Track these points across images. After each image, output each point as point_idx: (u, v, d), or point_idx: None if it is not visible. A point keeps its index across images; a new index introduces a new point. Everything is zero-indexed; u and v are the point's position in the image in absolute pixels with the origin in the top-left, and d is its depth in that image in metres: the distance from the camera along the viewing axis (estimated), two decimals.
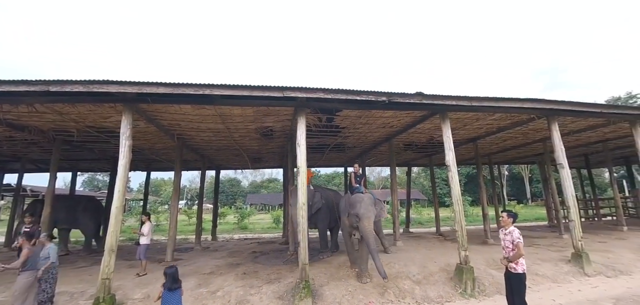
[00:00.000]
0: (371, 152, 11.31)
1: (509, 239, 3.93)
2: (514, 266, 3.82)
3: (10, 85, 4.77)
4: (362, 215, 5.77)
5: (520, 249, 3.78)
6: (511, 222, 4.02)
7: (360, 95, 5.51)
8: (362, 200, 6.04)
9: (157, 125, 7.03)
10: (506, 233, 3.99)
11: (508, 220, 4.03)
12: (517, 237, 3.83)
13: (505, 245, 3.99)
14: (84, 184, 51.41)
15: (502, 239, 4.08)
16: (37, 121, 6.74)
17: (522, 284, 3.83)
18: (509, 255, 3.89)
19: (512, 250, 3.86)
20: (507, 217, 4.05)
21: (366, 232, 5.62)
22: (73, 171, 13.72)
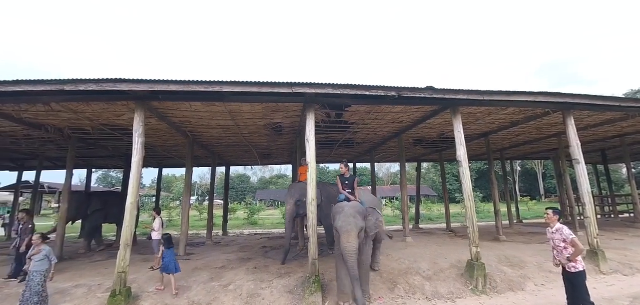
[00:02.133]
0: (380, 148, 11.25)
1: (559, 237, 3.77)
2: (574, 265, 3.65)
3: (28, 85, 4.92)
4: (340, 228, 4.69)
5: (579, 244, 3.60)
6: (557, 220, 3.88)
7: (370, 90, 5.48)
8: (342, 210, 4.84)
9: (168, 123, 7.15)
10: (554, 231, 3.84)
11: (554, 217, 3.87)
12: (569, 234, 3.67)
13: (556, 245, 3.81)
14: (98, 181, 52.75)
15: (550, 238, 3.91)
16: (54, 120, 6.94)
17: (584, 281, 3.65)
18: (562, 254, 3.72)
19: (565, 248, 3.69)
20: (552, 214, 3.89)
21: (345, 250, 4.51)
22: (88, 168, 14.10)
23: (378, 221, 5.16)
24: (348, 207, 4.85)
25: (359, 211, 4.85)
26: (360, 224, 4.70)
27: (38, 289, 4.29)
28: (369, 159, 13.16)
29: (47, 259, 4.45)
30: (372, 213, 5.05)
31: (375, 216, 5.06)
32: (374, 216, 5.04)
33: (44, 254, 4.46)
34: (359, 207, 4.95)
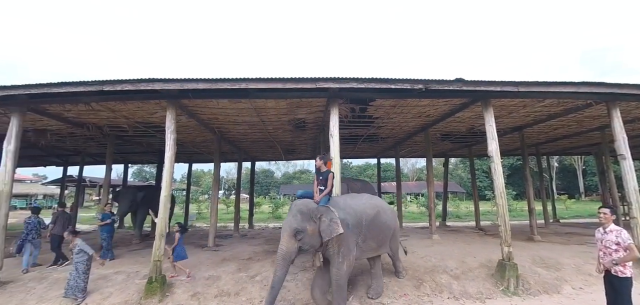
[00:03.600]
0: (406, 143, 11.01)
1: (612, 239, 3.50)
2: (621, 269, 3.41)
3: (71, 86, 5.31)
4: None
5: (635, 251, 3.35)
6: (613, 220, 3.61)
7: (395, 83, 5.36)
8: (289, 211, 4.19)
9: (197, 120, 7.43)
10: (607, 232, 3.56)
11: (611, 217, 3.59)
12: (627, 238, 3.41)
13: (606, 246, 3.55)
14: (133, 175, 55.97)
15: (599, 239, 3.64)
16: (94, 118, 7.43)
17: (630, 289, 3.42)
18: (611, 256, 3.48)
19: (616, 251, 3.44)
20: (609, 214, 3.60)
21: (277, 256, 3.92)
22: (125, 163, 15.03)
23: (333, 222, 3.90)
24: (293, 205, 4.20)
25: (303, 210, 4.03)
26: (295, 224, 3.89)
27: (83, 275, 4.90)
28: (393, 154, 12.93)
29: (82, 251, 4.93)
30: (326, 213, 3.98)
31: (329, 216, 3.94)
32: (328, 216, 3.94)
33: (78, 248, 4.96)
34: (306, 205, 4.12)
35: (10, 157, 5.70)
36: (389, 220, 4.93)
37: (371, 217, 4.57)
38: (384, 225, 4.80)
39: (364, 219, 4.47)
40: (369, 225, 4.52)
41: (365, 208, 4.59)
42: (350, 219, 4.26)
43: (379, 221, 4.70)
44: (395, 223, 5.15)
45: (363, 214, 4.49)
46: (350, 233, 4.19)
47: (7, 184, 5.66)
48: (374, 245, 4.69)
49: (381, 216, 4.76)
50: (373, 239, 4.62)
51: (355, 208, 4.47)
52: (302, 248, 3.95)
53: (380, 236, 4.75)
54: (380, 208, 4.87)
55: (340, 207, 4.30)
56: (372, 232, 4.56)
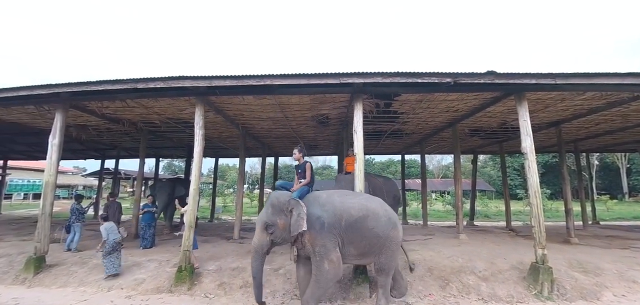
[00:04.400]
0: (432, 139, 10.69)
1: None
2: None
3: (108, 84, 5.64)
4: None
5: None
6: None
7: (422, 77, 5.20)
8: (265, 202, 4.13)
9: (224, 116, 7.64)
10: None
11: None
12: None
13: None
14: (164, 169, 58.72)
15: None
16: (129, 114, 7.85)
17: None
18: None
19: None
20: None
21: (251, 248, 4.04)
22: (156, 157, 15.81)
23: (299, 217, 3.73)
24: (269, 197, 4.15)
25: (274, 203, 3.96)
26: (265, 218, 3.89)
27: (113, 252, 5.63)
28: (418, 151, 12.60)
29: (106, 232, 5.66)
30: (296, 207, 3.81)
31: (298, 211, 3.77)
32: (297, 210, 3.78)
33: (103, 230, 5.71)
34: (279, 197, 4.01)
35: (55, 150, 6.17)
36: (379, 227, 4.04)
37: (354, 220, 3.95)
38: (369, 232, 3.99)
39: (345, 220, 3.93)
40: (349, 229, 3.94)
41: (350, 208, 4.01)
42: (327, 217, 3.87)
43: (364, 226, 3.98)
44: (391, 233, 4.12)
45: (344, 213, 3.95)
46: (326, 232, 3.81)
47: (52, 175, 6.14)
48: (354, 252, 4.02)
49: (368, 221, 4.00)
50: (352, 244, 3.97)
51: (336, 206, 4.00)
52: (275, 241, 3.94)
53: (362, 243, 4.01)
54: (371, 212, 4.08)
55: (320, 202, 4.02)
56: (351, 237, 3.95)
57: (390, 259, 4.15)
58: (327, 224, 3.86)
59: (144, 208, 7.83)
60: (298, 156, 4.63)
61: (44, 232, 5.90)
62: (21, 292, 5.13)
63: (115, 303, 4.67)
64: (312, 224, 3.78)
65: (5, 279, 5.65)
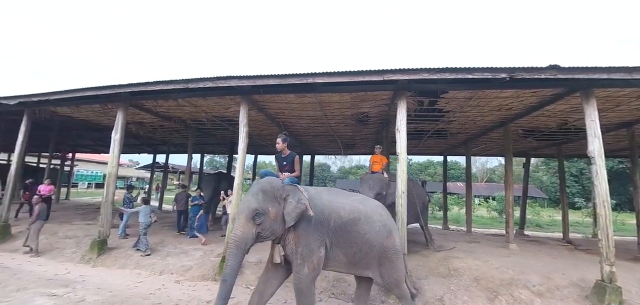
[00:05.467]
0: (479, 139, 10.02)
1: None
2: None
3: (163, 84, 6.06)
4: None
5: None
6: None
7: (473, 72, 4.87)
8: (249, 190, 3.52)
9: (265, 114, 7.85)
10: None
11: None
12: None
13: None
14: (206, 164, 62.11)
15: None
16: (179, 112, 8.39)
17: None
18: None
19: None
20: None
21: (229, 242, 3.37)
22: (201, 153, 16.75)
23: (300, 202, 3.23)
24: (254, 184, 3.56)
25: (266, 188, 3.34)
26: (255, 204, 3.20)
27: (143, 231, 6.56)
28: (463, 152, 11.90)
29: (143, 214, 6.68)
30: (293, 192, 3.33)
31: (297, 196, 3.28)
32: (296, 196, 3.29)
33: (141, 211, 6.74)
34: (271, 182, 3.44)
35: (117, 145, 6.78)
36: (371, 234, 3.51)
37: (343, 222, 3.47)
38: (360, 237, 3.47)
39: (333, 221, 3.46)
40: (338, 231, 3.45)
41: (339, 208, 3.53)
42: (315, 214, 3.35)
43: (354, 230, 3.47)
44: (385, 242, 3.55)
45: (333, 213, 3.47)
46: (312, 231, 3.33)
47: (114, 167, 6.77)
48: (343, 259, 3.51)
49: (359, 225, 3.49)
50: (341, 249, 3.48)
51: (325, 204, 3.50)
52: (261, 234, 3.24)
53: (352, 250, 3.49)
54: (363, 215, 3.55)
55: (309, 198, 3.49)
56: (340, 241, 3.46)
57: (392, 270, 3.60)
58: (314, 221, 3.34)
59: (193, 200, 8.32)
60: (281, 146, 4.13)
61: (106, 217, 6.52)
62: (87, 271, 5.71)
63: (166, 286, 5.00)
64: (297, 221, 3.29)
65: (74, 258, 6.34)
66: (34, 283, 4.78)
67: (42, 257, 6.34)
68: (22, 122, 7.76)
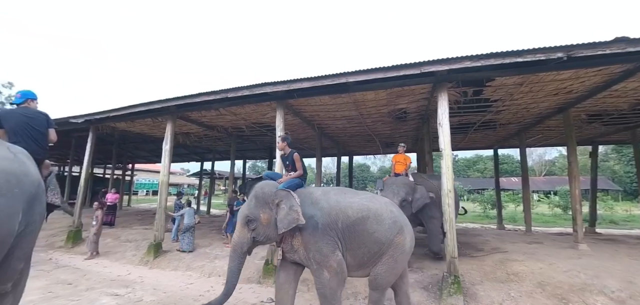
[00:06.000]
0: (534, 129, 9.07)
1: None
2: None
3: (205, 96, 6.39)
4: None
5: None
6: None
7: (523, 55, 4.39)
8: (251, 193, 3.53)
9: (301, 118, 7.92)
10: None
11: None
12: None
13: None
14: (248, 170, 64.87)
15: None
16: (221, 121, 8.81)
17: None
18: None
19: None
20: None
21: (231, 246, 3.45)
22: (243, 159, 17.50)
23: (292, 210, 3.16)
24: (254, 188, 3.52)
25: (258, 193, 3.36)
26: (247, 211, 3.30)
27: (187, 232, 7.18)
28: (516, 144, 10.87)
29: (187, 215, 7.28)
30: (286, 198, 3.26)
31: (289, 203, 3.21)
32: (288, 203, 3.22)
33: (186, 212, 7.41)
34: (263, 187, 3.41)
35: (167, 155, 7.30)
36: (380, 231, 3.26)
37: (351, 221, 3.25)
38: (369, 237, 3.25)
39: (341, 221, 3.26)
40: (346, 231, 3.24)
41: (347, 208, 3.33)
42: (321, 217, 3.25)
43: (363, 230, 3.25)
44: (396, 239, 3.27)
45: (340, 214, 3.29)
46: (321, 234, 3.20)
47: (165, 175, 7.29)
48: (352, 263, 3.30)
49: (368, 224, 3.26)
50: (350, 252, 3.27)
51: (332, 204, 3.34)
52: (256, 239, 3.30)
53: (361, 251, 3.27)
54: (372, 213, 3.31)
55: (314, 199, 3.40)
56: (349, 243, 3.26)
57: (389, 271, 3.26)
58: (321, 224, 3.22)
59: (237, 205, 8.67)
60: (282, 146, 4.10)
61: (160, 222, 7.05)
62: (144, 272, 6.20)
63: (214, 288, 5.22)
64: (303, 224, 3.19)
65: (133, 260, 6.93)
66: (100, 283, 5.30)
67: (107, 259, 7.05)
68: (88, 138, 8.73)
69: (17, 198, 1.99)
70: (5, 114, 2.97)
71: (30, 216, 2.17)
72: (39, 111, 3.13)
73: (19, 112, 2.97)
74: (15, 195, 1.97)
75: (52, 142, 3.14)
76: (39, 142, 2.95)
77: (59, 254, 7.43)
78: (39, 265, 6.23)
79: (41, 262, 6.58)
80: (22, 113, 2.97)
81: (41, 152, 2.94)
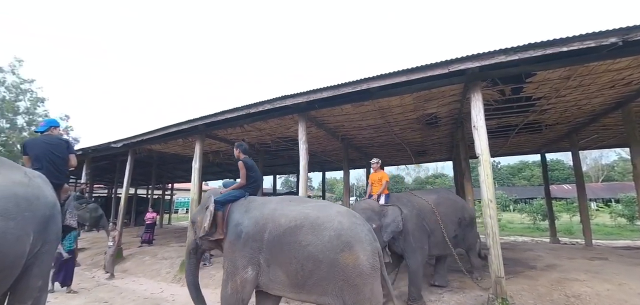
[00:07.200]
0: (588, 128, 8.07)
1: None
2: None
3: (228, 113, 6.49)
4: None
5: None
6: None
7: (568, 43, 3.86)
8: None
9: (325, 129, 7.75)
10: None
11: None
12: None
13: None
14: (281, 185, 65.84)
15: None
16: (247, 138, 8.92)
17: None
18: None
19: None
20: None
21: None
22: (273, 175, 17.67)
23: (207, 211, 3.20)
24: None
25: (203, 199, 3.65)
26: (193, 215, 3.69)
27: None
28: (567, 146, 9.76)
29: None
30: (208, 201, 3.28)
31: (210, 205, 3.19)
32: (210, 206, 3.19)
33: None
34: (209, 193, 3.55)
35: (197, 173, 7.49)
36: (315, 245, 2.71)
37: (281, 231, 2.86)
38: (301, 250, 2.73)
39: (268, 231, 2.91)
40: (273, 243, 2.86)
41: (281, 216, 2.95)
42: (247, 226, 3.04)
43: (293, 241, 2.78)
44: (340, 257, 2.64)
45: (270, 223, 2.94)
46: (241, 245, 2.98)
47: (195, 193, 7.46)
48: (284, 279, 2.82)
49: (300, 234, 2.78)
50: (280, 267, 2.83)
51: (264, 213, 3.05)
52: (196, 241, 3.51)
53: (293, 267, 2.75)
54: (309, 222, 2.82)
55: (248, 207, 3.25)
56: (276, 255, 2.84)
57: (358, 299, 2.60)
58: (244, 234, 3.02)
59: None
60: (236, 153, 3.96)
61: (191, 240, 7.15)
62: (177, 290, 6.26)
63: None
64: (230, 232, 3.16)
65: (167, 278, 7.08)
66: (133, 301, 5.42)
67: (144, 277, 7.28)
68: (127, 161, 9.28)
69: (28, 221, 2.08)
70: (30, 143, 3.24)
71: (46, 236, 2.28)
72: (60, 138, 3.42)
73: (41, 140, 3.23)
74: (25, 219, 2.05)
75: (72, 167, 3.38)
76: (59, 167, 3.16)
77: (101, 272, 7.82)
78: (83, 283, 6.59)
79: (85, 280, 6.96)
80: (45, 141, 3.22)
81: (61, 177, 3.17)
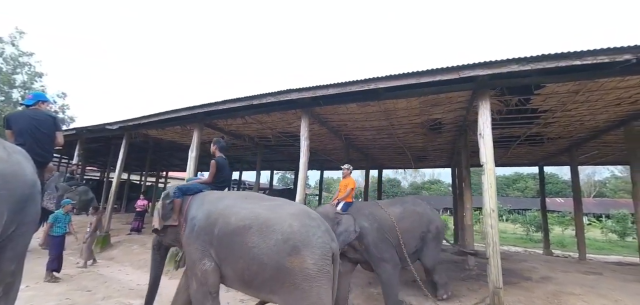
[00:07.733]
0: (587, 144, 8.09)
1: None
2: None
3: (230, 103, 6.37)
4: None
5: None
6: None
7: (582, 57, 3.82)
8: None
9: (327, 127, 7.66)
10: None
11: None
12: None
13: None
14: (277, 181, 65.64)
15: None
16: (248, 130, 8.80)
17: None
18: None
19: None
20: None
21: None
22: (271, 170, 17.55)
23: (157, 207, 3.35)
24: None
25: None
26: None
27: None
28: (565, 161, 9.82)
29: None
30: (164, 196, 3.41)
31: (163, 203, 3.31)
32: (163, 200, 3.34)
33: None
34: (169, 188, 3.66)
35: (193, 162, 7.37)
36: (262, 247, 2.65)
37: (230, 229, 2.81)
38: (247, 251, 2.69)
39: (219, 227, 2.88)
40: (222, 240, 2.84)
41: (231, 214, 2.90)
42: (200, 218, 3.04)
43: (240, 241, 2.74)
44: (286, 261, 2.57)
45: (221, 219, 2.91)
46: (194, 238, 2.99)
47: None
48: (233, 276, 2.84)
49: (248, 235, 2.71)
50: (229, 264, 2.82)
51: (217, 208, 3.03)
52: (158, 237, 3.59)
53: (239, 265, 2.74)
54: (259, 223, 2.74)
55: (204, 201, 3.23)
56: (225, 253, 2.82)
57: (302, 302, 2.55)
58: (197, 227, 3.02)
59: None
60: (212, 149, 4.07)
61: None
62: (164, 282, 6.02)
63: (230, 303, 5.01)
64: (187, 225, 3.14)
65: None
66: (117, 292, 5.26)
67: (131, 267, 7.09)
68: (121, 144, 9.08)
69: (2, 199, 1.90)
70: (15, 116, 3.05)
71: (23, 217, 2.07)
72: (47, 114, 3.18)
73: (27, 114, 3.03)
74: (0, 197, 1.88)
75: (59, 145, 3.16)
76: (44, 145, 2.97)
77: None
78: (67, 269, 6.37)
79: (69, 266, 6.76)
80: (31, 115, 3.02)
81: (45, 155, 2.97)
